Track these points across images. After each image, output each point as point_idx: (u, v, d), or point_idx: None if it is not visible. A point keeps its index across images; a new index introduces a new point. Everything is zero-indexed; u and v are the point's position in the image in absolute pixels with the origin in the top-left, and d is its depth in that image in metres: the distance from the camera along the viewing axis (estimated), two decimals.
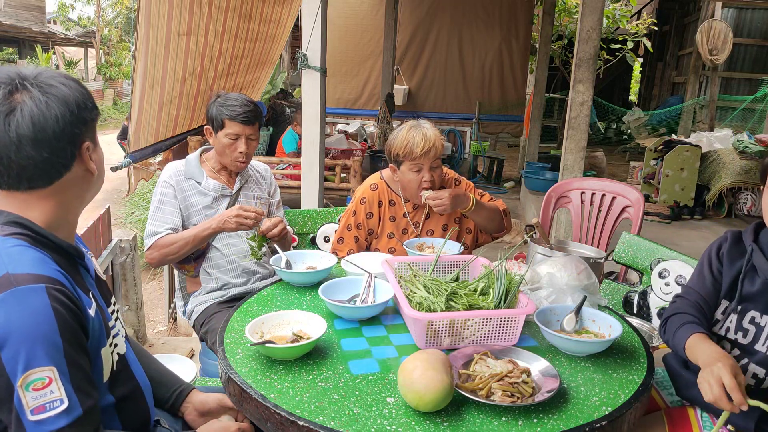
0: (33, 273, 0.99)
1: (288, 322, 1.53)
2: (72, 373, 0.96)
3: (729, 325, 1.51)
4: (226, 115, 2.17)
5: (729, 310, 1.52)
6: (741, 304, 1.50)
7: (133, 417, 1.23)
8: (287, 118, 6.09)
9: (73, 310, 1.00)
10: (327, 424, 1.16)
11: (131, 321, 3.32)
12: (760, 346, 1.46)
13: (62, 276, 1.03)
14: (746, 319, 1.49)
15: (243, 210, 2.05)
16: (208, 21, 3.63)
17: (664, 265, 2.16)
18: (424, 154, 2.14)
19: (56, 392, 0.94)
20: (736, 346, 1.50)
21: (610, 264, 2.49)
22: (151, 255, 2.15)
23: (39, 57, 17.84)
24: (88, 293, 1.11)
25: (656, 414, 1.58)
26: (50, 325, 0.95)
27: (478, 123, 9.11)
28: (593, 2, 3.50)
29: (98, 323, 1.10)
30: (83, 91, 1.12)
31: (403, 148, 2.16)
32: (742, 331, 1.49)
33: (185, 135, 3.98)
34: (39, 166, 1.05)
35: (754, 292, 1.48)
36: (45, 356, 0.94)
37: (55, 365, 0.94)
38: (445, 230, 2.31)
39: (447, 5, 9.02)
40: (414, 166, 2.18)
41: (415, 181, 2.20)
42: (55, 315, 0.96)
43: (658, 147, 6.42)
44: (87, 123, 1.11)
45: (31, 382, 0.92)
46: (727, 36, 8.78)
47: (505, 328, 1.50)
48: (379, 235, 2.34)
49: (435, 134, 2.18)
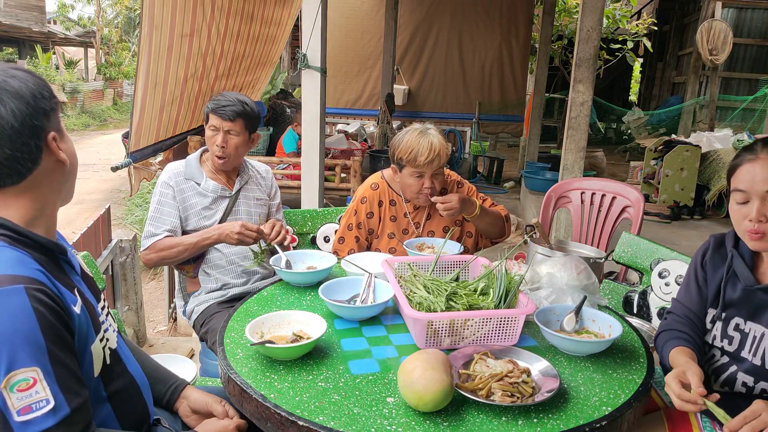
0: (10, 274, 0.98)
1: (288, 322, 1.53)
2: (57, 372, 0.96)
3: (716, 332, 1.50)
4: (209, 108, 2.23)
5: (715, 318, 1.50)
6: (725, 311, 1.48)
7: (129, 411, 1.22)
8: (287, 118, 6.08)
9: (54, 309, 1.00)
10: (327, 424, 1.17)
11: (131, 321, 3.32)
12: (747, 353, 1.43)
13: (43, 275, 1.02)
14: (731, 327, 1.46)
15: (245, 228, 2.06)
16: (211, 22, 3.63)
17: (664, 265, 2.17)
18: (428, 163, 2.12)
19: (42, 392, 0.93)
20: (724, 354, 1.48)
21: (610, 264, 2.49)
22: (147, 256, 2.16)
23: (39, 57, 17.85)
24: (72, 290, 1.10)
25: (656, 414, 1.58)
26: (31, 325, 0.95)
27: (478, 123, 9.11)
28: (593, 2, 3.50)
29: (85, 319, 1.09)
30: (37, 80, 1.08)
31: (408, 154, 2.14)
32: (728, 339, 1.47)
33: (185, 135, 3.99)
34: (5, 165, 1.03)
35: (735, 298, 1.45)
36: (28, 357, 0.93)
37: (39, 365, 0.94)
38: (446, 232, 2.30)
39: (447, 5, 9.02)
40: (416, 173, 2.17)
41: (415, 186, 2.19)
42: (36, 315, 0.95)
43: (658, 147, 6.42)
44: (47, 113, 1.08)
45: (16, 383, 0.92)
46: (727, 36, 8.78)
47: (505, 328, 1.50)
48: (380, 235, 2.34)
49: (441, 143, 2.14)
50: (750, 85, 10.67)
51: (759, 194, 1.33)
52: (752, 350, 1.41)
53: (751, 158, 1.36)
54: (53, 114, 1.10)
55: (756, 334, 1.41)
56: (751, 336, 1.42)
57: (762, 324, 1.40)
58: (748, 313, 1.43)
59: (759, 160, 1.34)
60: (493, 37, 9.11)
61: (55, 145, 1.10)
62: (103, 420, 1.17)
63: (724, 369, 1.47)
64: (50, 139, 1.09)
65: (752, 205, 1.34)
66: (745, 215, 1.36)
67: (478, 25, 9.09)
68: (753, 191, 1.34)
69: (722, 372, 1.47)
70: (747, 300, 1.43)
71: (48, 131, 1.08)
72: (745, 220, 1.36)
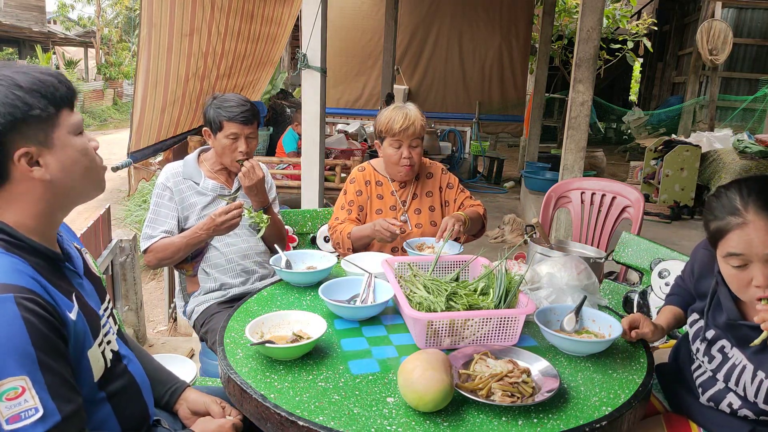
0: (2, 283, 0.97)
1: (288, 322, 1.53)
2: (48, 380, 0.96)
3: (699, 347, 1.48)
4: (224, 117, 2.17)
5: (698, 333, 1.48)
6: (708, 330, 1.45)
7: (129, 412, 1.22)
8: (287, 118, 6.08)
9: (45, 318, 0.99)
10: (327, 424, 1.16)
11: (131, 321, 3.32)
12: (730, 382, 1.38)
13: (36, 283, 1.01)
14: (715, 347, 1.44)
15: (223, 213, 2.03)
16: (211, 21, 3.63)
17: (664, 265, 2.17)
18: (403, 130, 2.28)
19: (30, 401, 0.93)
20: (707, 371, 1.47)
21: (610, 264, 2.49)
22: (147, 258, 2.18)
23: (39, 57, 17.83)
24: (70, 295, 1.09)
25: (655, 418, 1.57)
26: (21, 335, 0.94)
27: (478, 123, 9.11)
28: (593, 2, 3.50)
29: (81, 325, 1.08)
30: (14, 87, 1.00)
31: (385, 125, 2.31)
32: (709, 357, 1.45)
33: (185, 135, 3.99)
34: None
35: (721, 324, 1.42)
36: (16, 366, 0.93)
37: (27, 374, 0.94)
38: (433, 211, 2.43)
39: (447, 5, 9.02)
40: (394, 143, 2.32)
41: (395, 156, 2.33)
42: (26, 324, 0.95)
43: (658, 147, 6.42)
44: (15, 127, 1.00)
45: (4, 392, 0.92)
46: (727, 36, 8.78)
47: (505, 328, 1.50)
48: (369, 212, 2.43)
49: (416, 114, 2.31)
50: (750, 85, 10.67)
51: (761, 258, 1.25)
52: (735, 380, 1.38)
53: (739, 223, 1.27)
54: (27, 127, 1.01)
55: (737, 363, 1.38)
56: (731, 363, 1.39)
57: (745, 355, 1.36)
58: (734, 340, 1.40)
59: (750, 224, 1.25)
60: (493, 37, 9.11)
61: (24, 163, 1.02)
62: (103, 420, 1.17)
63: (710, 384, 1.45)
64: (16, 158, 1.02)
65: (755, 269, 1.27)
66: (748, 282, 1.29)
67: (478, 25, 9.09)
68: (752, 254, 1.26)
69: (708, 388, 1.46)
70: (731, 329, 1.40)
71: (15, 149, 1.01)
72: (750, 286, 1.29)
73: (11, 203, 1.06)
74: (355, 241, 2.28)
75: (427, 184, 2.46)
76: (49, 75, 1.06)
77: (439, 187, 2.47)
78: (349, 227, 2.32)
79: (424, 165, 2.49)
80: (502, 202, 7.35)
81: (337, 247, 2.36)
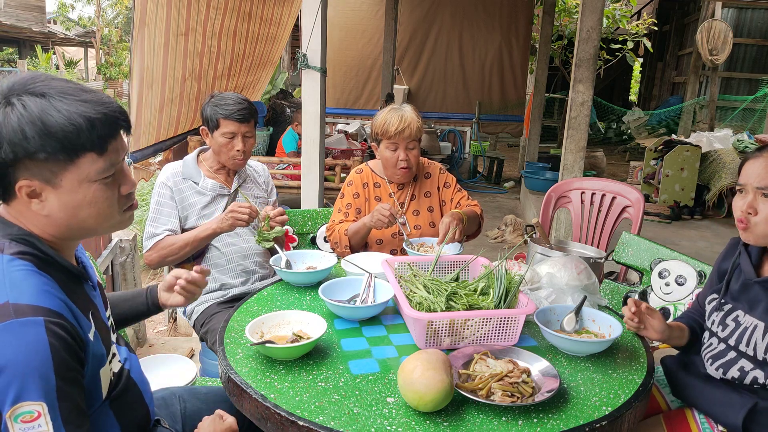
0: (33, 305, 0.98)
1: (288, 322, 1.53)
2: (62, 407, 0.97)
3: (714, 318, 1.55)
4: (220, 115, 2.18)
5: (715, 307, 1.56)
6: (727, 301, 1.53)
7: (131, 417, 1.22)
8: (287, 118, 6.08)
9: (69, 343, 1.00)
10: (327, 424, 1.17)
11: None
12: (741, 345, 1.45)
13: (64, 306, 1.02)
14: (730, 317, 1.51)
15: (237, 205, 2.08)
16: (206, 21, 3.63)
17: (664, 265, 2.17)
18: (399, 133, 2.26)
19: (44, 426, 0.94)
20: (721, 341, 1.51)
21: (610, 264, 2.49)
22: (150, 257, 2.16)
23: (39, 57, 17.84)
24: (88, 314, 1.10)
25: (655, 418, 1.58)
26: (45, 360, 0.95)
27: (478, 123, 9.11)
28: (593, 2, 3.50)
29: (98, 346, 1.10)
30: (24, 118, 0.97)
31: (381, 127, 2.30)
32: (722, 326, 1.52)
33: (185, 135, 3.99)
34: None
35: (736, 290, 1.52)
36: (36, 391, 0.94)
37: (45, 400, 0.95)
38: (431, 211, 2.43)
39: (447, 5, 9.02)
40: (390, 145, 2.31)
41: (391, 159, 2.32)
42: (51, 350, 0.96)
43: (658, 147, 6.42)
44: (20, 161, 0.99)
45: (20, 415, 0.93)
46: (727, 36, 8.79)
47: (505, 328, 1.50)
48: (366, 214, 2.41)
49: (413, 116, 2.29)
50: (750, 85, 10.67)
51: (752, 188, 1.42)
52: (746, 341, 1.44)
53: (754, 156, 1.45)
54: (32, 163, 1.00)
55: (748, 326, 1.45)
56: (743, 327, 1.47)
57: (755, 316, 1.44)
58: (747, 306, 1.48)
59: (761, 158, 1.42)
60: (493, 37, 9.11)
61: (24, 195, 1.03)
62: (105, 425, 1.17)
63: (721, 356, 1.51)
64: (17, 189, 1.02)
65: (746, 197, 1.44)
66: (740, 207, 1.45)
67: (478, 25, 9.09)
68: (748, 185, 1.43)
69: (718, 359, 1.51)
70: (745, 293, 1.49)
71: (16, 178, 1.01)
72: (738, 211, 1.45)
73: (24, 214, 1.07)
74: (352, 235, 2.27)
75: (425, 184, 2.46)
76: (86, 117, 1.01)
77: (437, 187, 2.47)
78: (346, 225, 2.33)
79: (422, 165, 2.49)
80: (502, 202, 7.35)
81: (335, 247, 2.36)
